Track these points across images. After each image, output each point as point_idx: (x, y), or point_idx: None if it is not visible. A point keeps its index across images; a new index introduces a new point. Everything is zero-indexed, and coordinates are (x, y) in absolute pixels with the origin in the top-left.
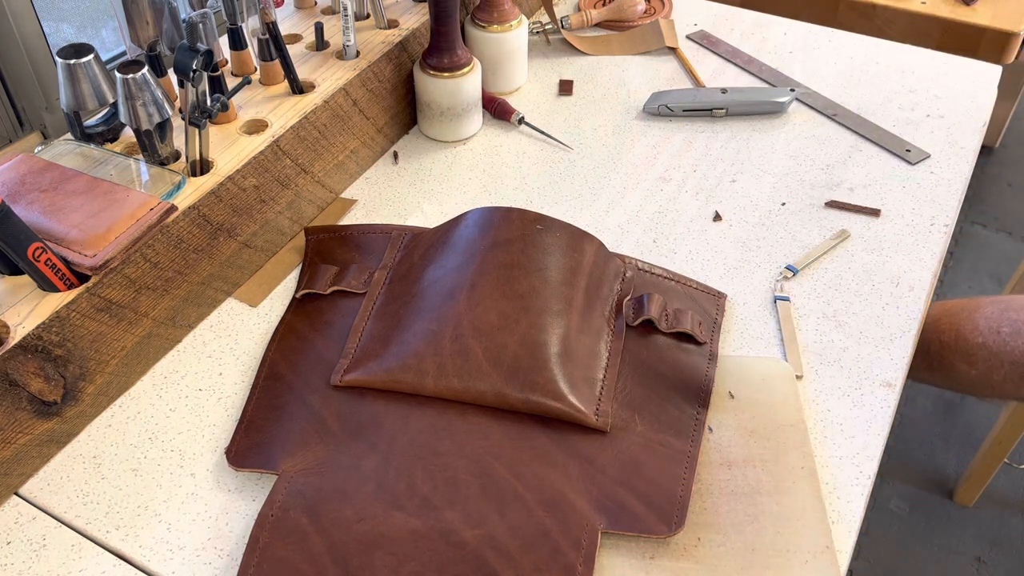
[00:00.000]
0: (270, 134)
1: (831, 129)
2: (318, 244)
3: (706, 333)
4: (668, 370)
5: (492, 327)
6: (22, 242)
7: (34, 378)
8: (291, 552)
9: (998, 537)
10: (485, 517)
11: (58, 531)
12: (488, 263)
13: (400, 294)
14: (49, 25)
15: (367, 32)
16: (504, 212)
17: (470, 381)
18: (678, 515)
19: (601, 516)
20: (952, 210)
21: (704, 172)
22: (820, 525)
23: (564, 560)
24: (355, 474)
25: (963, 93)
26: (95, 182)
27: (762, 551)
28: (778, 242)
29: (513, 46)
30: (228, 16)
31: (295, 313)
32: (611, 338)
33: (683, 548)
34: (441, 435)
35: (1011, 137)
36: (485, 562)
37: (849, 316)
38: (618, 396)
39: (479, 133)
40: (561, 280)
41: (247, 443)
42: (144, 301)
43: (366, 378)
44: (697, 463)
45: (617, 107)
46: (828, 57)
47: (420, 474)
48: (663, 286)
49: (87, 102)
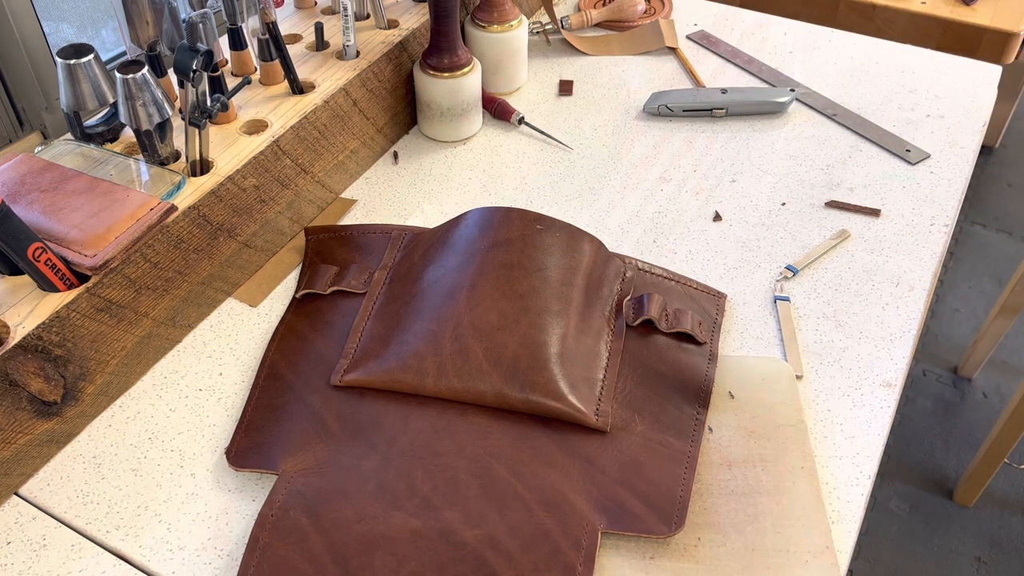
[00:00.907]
0: (270, 134)
1: (831, 129)
2: (318, 244)
3: (706, 333)
4: (668, 370)
5: (492, 327)
6: (22, 242)
7: (34, 378)
8: (291, 552)
9: (998, 537)
10: (485, 517)
11: (58, 531)
12: (488, 263)
13: (400, 294)
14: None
15: (367, 32)
16: (504, 212)
17: (470, 381)
18: (678, 515)
19: (601, 516)
20: (952, 210)
21: (704, 172)
22: (820, 525)
23: (564, 560)
24: (355, 474)
25: (963, 93)
26: (95, 182)
27: (762, 551)
28: (778, 242)
29: (513, 46)
30: (228, 16)
31: (295, 313)
32: (611, 338)
33: (683, 548)
34: (441, 435)
35: (1011, 137)
36: (485, 562)
37: (849, 316)
38: (618, 396)
39: (479, 133)
40: (561, 280)
41: (247, 443)
42: (144, 301)
43: (366, 378)
44: (697, 463)
45: (617, 107)
46: (828, 57)
47: (420, 474)
48: (663, 286)
49: (87, 102)
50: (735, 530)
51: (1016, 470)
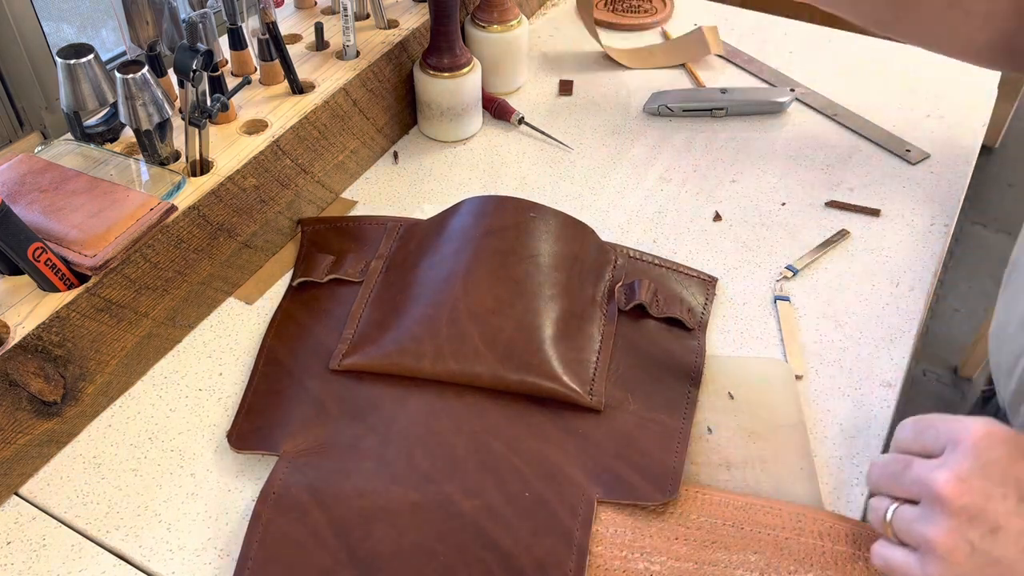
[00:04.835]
0: (270, 134)
1: (831, 129)
2: (314, 235)
3: (696, 317)
4: (660, 352)
5: (488, 311)
6: (22, 242)
7: (34, 378)
8: (293, 527)
9: None
10: (483, 488)
11: (58, 531)
12: (483, 250)
13: (397, 281)
14: (49, 25)
15: (367, 32)
16: (498, 200)
17: (467, 363)
18: (671, 483)
19: (597, 486)
20: (952, 210)
21: (704, 172)
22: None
23: (561, 526)
24: (355, 453)
25: (963, 93)
26: (95, 182)
27: None
28: (778, 242)
29: (513, 46)
30: (228, 16)
31: (292, 301)
32: (604, 322)
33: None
34: (439, 415)
35: (1011, 137)
36: (484, 530)
37: (849, 316)
38: (611, 377)
39: (479, 133)
40: (554, 266)
41: (248, 427)
42: (144, 301)
43: (364, 362)
44: (689, 438)
45: (617, 107)
46: (828, 57)
47: (419, 451)
48: (654, 272)
49: (87, 102)
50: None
51: None
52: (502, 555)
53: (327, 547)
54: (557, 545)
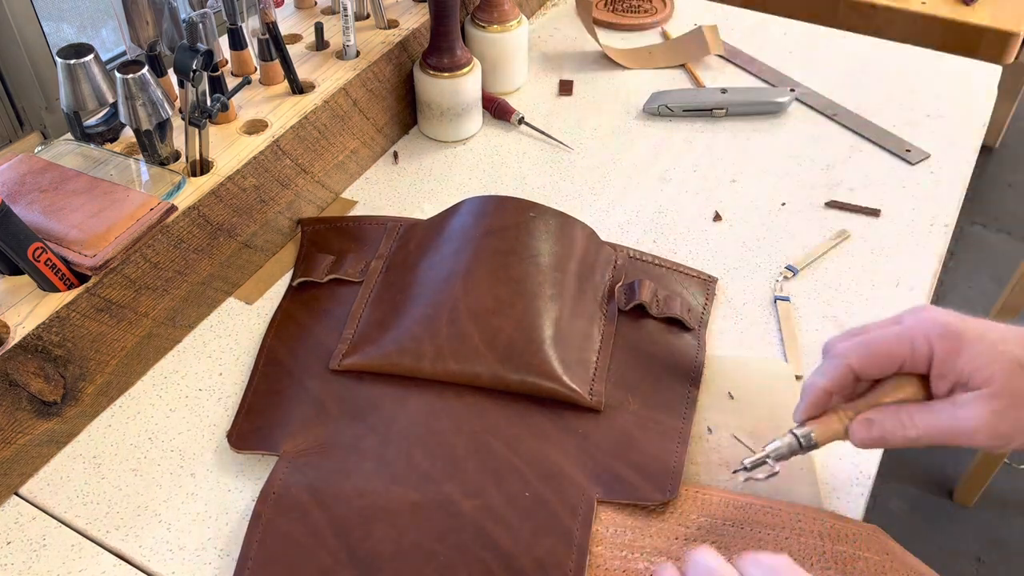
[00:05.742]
0: (270, 134)
1: (831, 129)
2: (314, 235)
3: (696, 317)
4: (660, 352)
5: (488, 311)
6: (22, 242)
7: (34, 378)
8: (293, 526)
9: (998, 537)
10: (483, 488)
11: (58, 531)
12: (483, 250)
13: (396, 281)
14: (49, 25)
15: (367, 32)
16: (498, 200)
17: (467, 363)
18: (671, 484)
19: (597, 486)
20: (952, 210)
21: (704, 172)
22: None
23: (561, 526)
24: (355, 453)
25: (963, 93)
26: (95, 182)
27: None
28: (778, 242)
29: (513, 46)
30: (228, 16)
31: (292, 301)
32: (604, 322)
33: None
34: (439, 415)
35: (1011, 137)
36: (484, 530)
37: (849, 316)
38: (611, 377)
39: (479, 133)
40: (554, 266)
41: (248, 427)
42: (144, 301)
43: (365, 362)
44: (689, 438)
45: (617, 107)
46: (828, 57)
47: (418, 451)
48: (654, 272)
49: (87, 102)
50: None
51: (1016, 470)
52: (502, 555)
53: (327, 547)
54: (557, 545)
